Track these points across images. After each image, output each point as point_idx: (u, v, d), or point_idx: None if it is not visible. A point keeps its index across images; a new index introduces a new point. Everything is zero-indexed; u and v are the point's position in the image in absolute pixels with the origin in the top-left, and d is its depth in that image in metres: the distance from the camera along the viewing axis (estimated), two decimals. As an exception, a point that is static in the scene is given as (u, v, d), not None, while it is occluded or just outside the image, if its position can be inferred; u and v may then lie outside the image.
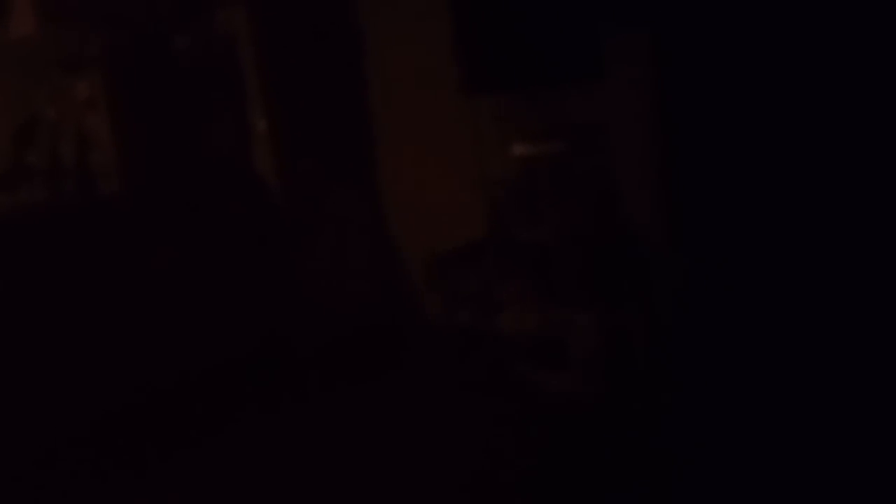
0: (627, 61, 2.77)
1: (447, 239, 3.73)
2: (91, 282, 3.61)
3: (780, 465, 2.44)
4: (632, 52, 2.75)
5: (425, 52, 3.84)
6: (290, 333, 4.04)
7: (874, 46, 2.35)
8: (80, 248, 3.62)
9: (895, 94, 2.35)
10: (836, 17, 2.38)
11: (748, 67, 2.54)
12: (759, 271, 2.60)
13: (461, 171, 3.75)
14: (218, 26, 4.12)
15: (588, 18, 2.94)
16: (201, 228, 3.97)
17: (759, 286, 2.59)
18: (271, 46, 4.05)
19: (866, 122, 2.40)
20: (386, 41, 4.09)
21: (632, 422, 2.89)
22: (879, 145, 2.38)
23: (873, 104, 2.40)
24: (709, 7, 2.58)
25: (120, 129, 4.04)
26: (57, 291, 3.52)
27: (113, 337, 3.63)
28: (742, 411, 2.58)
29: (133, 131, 4.06)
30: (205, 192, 4.08)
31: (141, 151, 4.09)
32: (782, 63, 2.49)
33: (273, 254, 4.10)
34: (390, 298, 4.28)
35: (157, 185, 4.02)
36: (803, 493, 2.34)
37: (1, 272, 3.42)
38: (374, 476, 2.93)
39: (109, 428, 3.51)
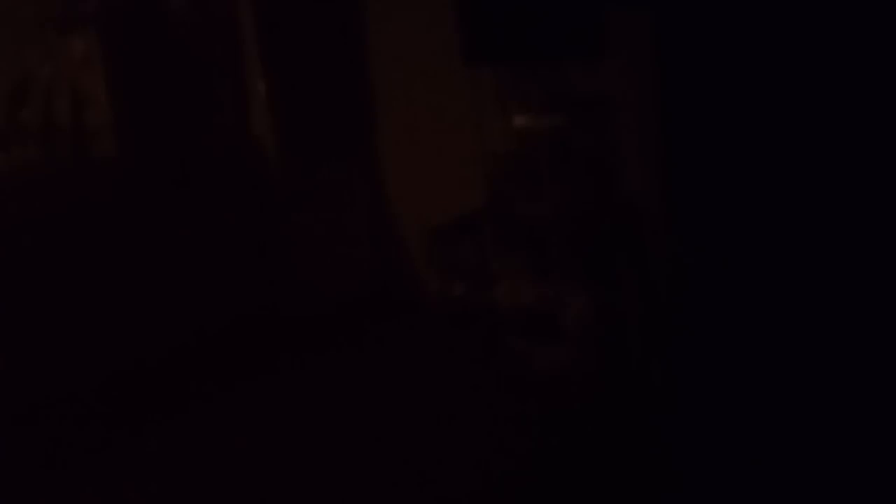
0: (629, 38, 2.75)
1: (445, 210, 3.72)
2: (83, 245, 3.60)
3: (772, 447, 2.45)
4: (633, 29, 2.73)
5: (426, 21, 3.80)
6: (285, 301, 4.04)
7: (876, 26, 2.33)
8: (71, 213, 3.60)
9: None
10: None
11: (749, 46, 2.52)
12: (756, 252, 2.59)
13: (460, 143, 3.73)
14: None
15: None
16: (196, 193, 3.95)
17: (756, 267, 2.59)
18: (270, 9, 4.00)
19: (867, 106, 2.38)
20: (386, 9, 4.05)
21: (622, 399, 2.91)
22: (881, 126, 2.37)
23: (875, 86, 2.38)
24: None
25: (115, 89, 3.99)
26: (49, 255, 3.52)
27: (105, 301, 3.63)
28: (734, 391, 2.59)
29: (128, 91, 4.02)
30: (199, 156, 4.05)
31: (136, 112, 4.05)
32: (783, 42, 2.47)
33: (268, 221, 4.09)
34: (386, 269, 4.28)
35: (151, 147, 3.99)
36: (797, 478, 2.36)
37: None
38: (360, 445, 2.95)
39: (99, 393, 3.52)
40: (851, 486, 2.33)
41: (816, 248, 2.51)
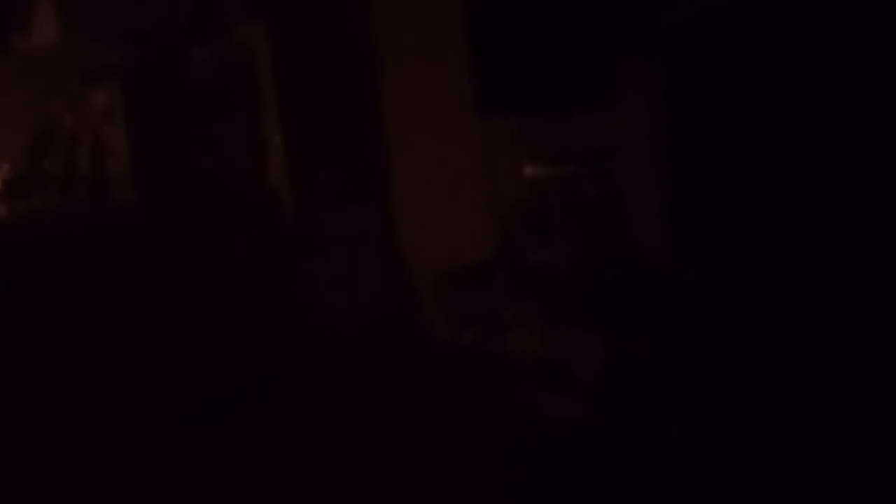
0: (638, 87, 2.79)
1: (457, 258, 3.75)
2: (100, 291, 3.65)
3: (784, 492, 2.43)
4: (642, 78, 2.77)
5: (440, 72, 3.88)
6: (298, 347, 4.05)
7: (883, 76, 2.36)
8: (90, 257, 3.65)
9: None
10: (846, 49, 2.39)
11: (758, 94, 2.56)
12: (767, 296, 2.60)
13: (472, 192, 3.78)
14: (236, 40, 4.17)
15: (600, 45, 2.96)
16: (212, 240, 4.00)
17: (767, 311, 2.59)
18: (288, 61, 4.09)
19: (879, 148, 2.40)
20: (401, 61, 4.14)
21: (634, 446, 2.89)
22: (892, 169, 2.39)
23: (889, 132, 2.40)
24: (718, 35, 2.60)
25: (135, 140, 4.07)
26: (66, 298, 3.55)
27: (121, 346, 3.65)
28: (747, 437, 2.58)
29: (148, 142, 4.10)
30: (217, 204, 4.11)
31: (156, 162, 4.12)
32: (792, 88, 2.51)
33: (283, 267, 4.13)
34: (398, 316, 4.29)
35: (169, 196, 4.05)
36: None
37: (12, 276, 3.46)
38: (374, 490, 2.94)
39: (115, 436, 3.52)
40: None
41: (828, 288, 2.51)
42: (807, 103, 2.49)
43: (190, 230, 3.96)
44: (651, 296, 2.98)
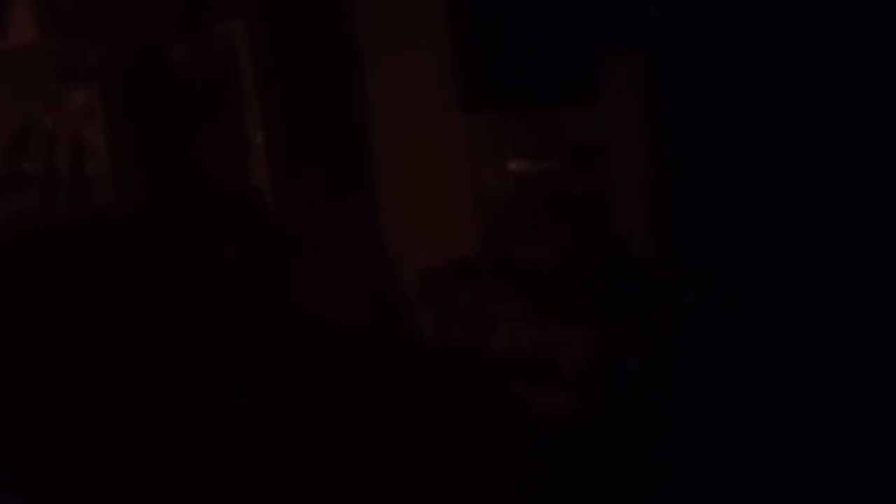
0: (624, 82, 2.79)
1: (442, 255, 3.74)
2: (83, 292, 3.61)
3: (773, 488, 2.43)
4: (629, 72, 2.77)
5: (423, 68, 3.86)
6: (284, 346, 4.04)
7: (877, 73, 2.36)
8: (73, 258, 3.62)
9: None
10: (838, 40, 2.40)
11: (747, 89, 2.56)
12: (754, 293, 2.60)
13: (457, 188, 3.76)
14: (217, 38, 4.14)
15: (586, 39, 2.96)
16: (195, 240, 3.97)
17: (754, 308, 2.60)
18: (270, 59, 4.07)
19: (873, 148, 2.41)
20: (384, 57, 4.12)
21: (622, 442, 2.89)
22: (886, 172, 2.39)
23: (880, 134, 2.40)
24: (706, 28, 2.60)
25: (116, 140, 4.04)
26: (50, 301, 3.52)
27: (107, 347, 3.63)
28: (734, 433, 2.58)
29: (129, 142, 4.07)
30: (199, 203, 4.08)
31: (136, 162, 4.09)
32: (783, 84, 2.51)
33: (267, 266, 4.11)
34: (384, 313, 4.28)
35: (151, 195, 4.02)
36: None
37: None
38: (362, 489, 2.93)
39: (101, 438, 3.50)
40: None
41: (816, 286, 2.51)
42: (796, 97, 2.49)
43: (171, 230, 3.94)
44: (638, 291, 2.98)
